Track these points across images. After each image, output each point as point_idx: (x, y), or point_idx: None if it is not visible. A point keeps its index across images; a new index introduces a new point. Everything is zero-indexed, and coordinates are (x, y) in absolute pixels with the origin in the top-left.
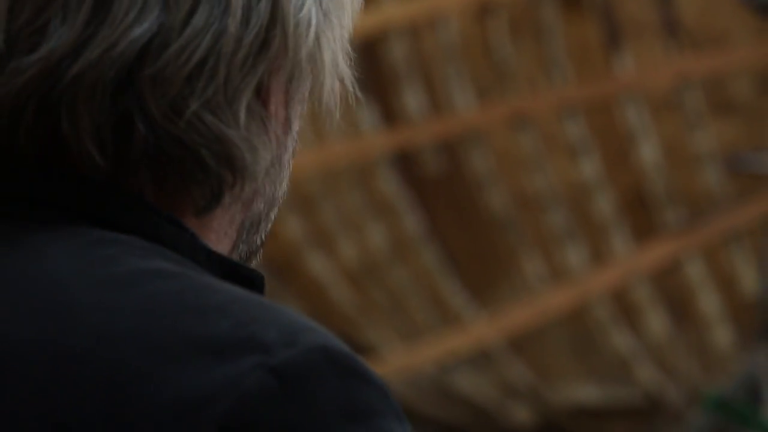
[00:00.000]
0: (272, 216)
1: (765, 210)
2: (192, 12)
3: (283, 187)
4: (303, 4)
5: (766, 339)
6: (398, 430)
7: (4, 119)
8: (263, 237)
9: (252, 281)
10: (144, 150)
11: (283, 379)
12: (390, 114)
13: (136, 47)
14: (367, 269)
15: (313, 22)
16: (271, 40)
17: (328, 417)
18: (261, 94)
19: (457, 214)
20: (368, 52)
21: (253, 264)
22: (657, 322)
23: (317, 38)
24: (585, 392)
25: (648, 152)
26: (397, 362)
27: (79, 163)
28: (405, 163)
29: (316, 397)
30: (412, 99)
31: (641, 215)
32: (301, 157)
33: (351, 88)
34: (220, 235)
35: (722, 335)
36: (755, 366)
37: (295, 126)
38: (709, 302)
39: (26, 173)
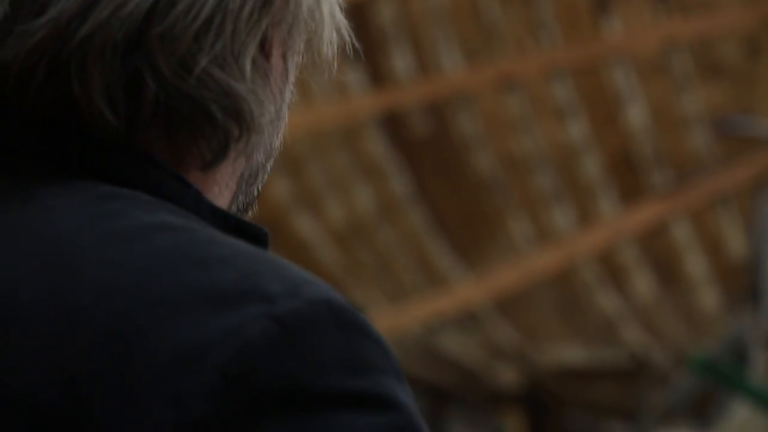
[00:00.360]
0: (269, 167)
1: (752, 173)
2: None
3: (280, 137)
4: None
5: (753, 301)
6: (397, 386)
7: (12, 80)
8: (260, 188)
9: (256, 237)
10: (155, 107)
11: (286, 328)
12: (378, 76)
13: (144, 7)
14: (354, 230)
15: None
16: None
17: (328, 368)
18: (264, 48)
19: (445, 176)
20: (357, 15)
21: (249, 215)
22: (643, 284)
23: None
24: (571, 353)
25: (635, 115)
26: (384, 323)
27: (90, 123)
28: (393, 124)
29: (317, 348)
30: (400, 61)
31: (628, 177)
32: (289, 119)
33: (348, 38)
34: (222, 187)
35: (709, 297)
36: (742, 328)
37: (292, 78)
38: (695, 264)
39: (34, 130)
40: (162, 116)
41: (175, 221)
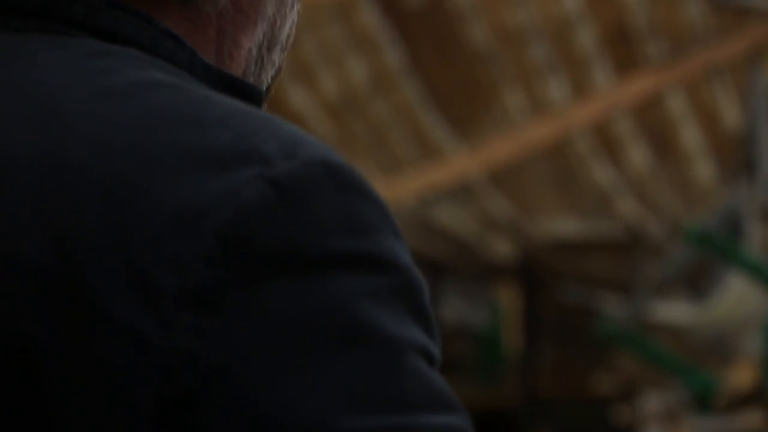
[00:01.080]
0: (275, 58)
1: (747, 45)
2: None
3: (286, 30)
4: None
5: (748, 173)
6: (397, 246)
7: None
8: (269, 79)
9: (251, 95)
10: None
11: (283, 190)
12: None
13: None
14: (347, 103)
15: None
16: None
17: (326, 230)
18: None
19: (439, 48)
20: None
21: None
22: (638, 155)
23: None
24: (565, 226)
25: None
26: None
27: None
28: None
29: (315, 210)
30: None
31: (623, 49)
32: None
33: None
34: (220, 45)
35: (704, 169)
36: (736, 200)
37: None
38: (690, 136)
39: None
40: None
41: (168, 79)
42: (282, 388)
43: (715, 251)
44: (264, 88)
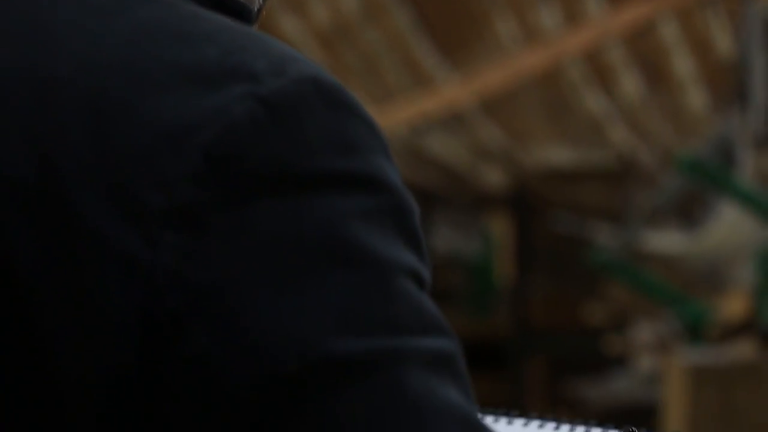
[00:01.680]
0: None
1: None
2: None
3: None
4: None
5: (740, 102)
6: (387, 165)
7: None
8: (261, 0)
9: (240, 14)
10: None
11: (272, 108)
12: None
13: None
14: (338, 31)
15: None
16: None
17: (315, 148)
18: None
19: None
20: None
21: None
22: (630, 84)
23: None
24: (558, 154)
25: None
26: None
27: None
28: None
29: (304, 128)
30: None
31: None
32: None
33: None
34: None
35: (696, 98)
36: (728, 128)
37: None
38: (683, 64)
39: None
40: None
41: None
42: (270, 309)
43: (707, 180)
44: (255, 9)
